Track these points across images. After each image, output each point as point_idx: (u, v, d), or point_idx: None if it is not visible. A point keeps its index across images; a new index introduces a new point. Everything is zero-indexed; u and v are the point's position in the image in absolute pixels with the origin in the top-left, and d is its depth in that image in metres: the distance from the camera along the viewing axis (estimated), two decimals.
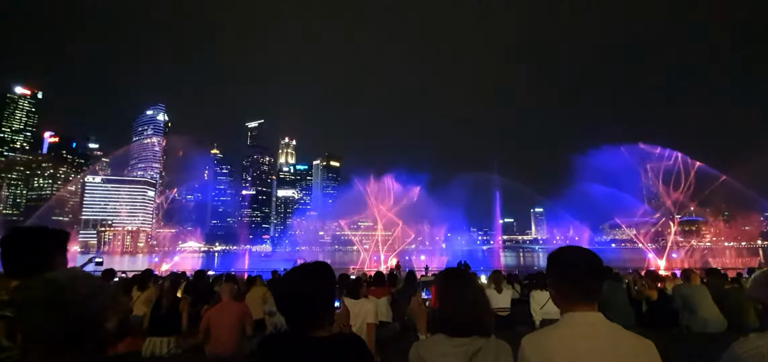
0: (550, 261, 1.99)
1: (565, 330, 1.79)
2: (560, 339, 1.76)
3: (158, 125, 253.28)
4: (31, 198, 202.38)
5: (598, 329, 1.76)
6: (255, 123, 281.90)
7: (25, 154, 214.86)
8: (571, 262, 1.90)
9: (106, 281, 8.20)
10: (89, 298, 1.46)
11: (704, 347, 5.75)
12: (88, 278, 1.52)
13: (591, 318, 1.80)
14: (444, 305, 2.18)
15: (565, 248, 1.98)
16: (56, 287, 1.41)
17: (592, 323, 1.78)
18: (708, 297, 6.83)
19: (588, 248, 1.95)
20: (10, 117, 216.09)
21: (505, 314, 8.12)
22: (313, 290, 1.82)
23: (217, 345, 5.58)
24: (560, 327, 1.82)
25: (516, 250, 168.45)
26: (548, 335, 1.83)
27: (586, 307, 1.82)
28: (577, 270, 1.87)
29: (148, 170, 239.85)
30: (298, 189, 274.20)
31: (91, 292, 1.47)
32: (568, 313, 1.84)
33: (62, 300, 1.39)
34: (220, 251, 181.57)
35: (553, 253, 2.01)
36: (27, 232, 2.08)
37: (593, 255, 1.90)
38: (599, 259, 1.89)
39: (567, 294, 1.87)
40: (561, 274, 1.91)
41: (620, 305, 6.87)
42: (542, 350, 1.76)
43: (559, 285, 1.91)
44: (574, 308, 1.83)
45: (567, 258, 1.93)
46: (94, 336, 1.48)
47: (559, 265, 1.94)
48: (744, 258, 48.43)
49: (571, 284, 1.86)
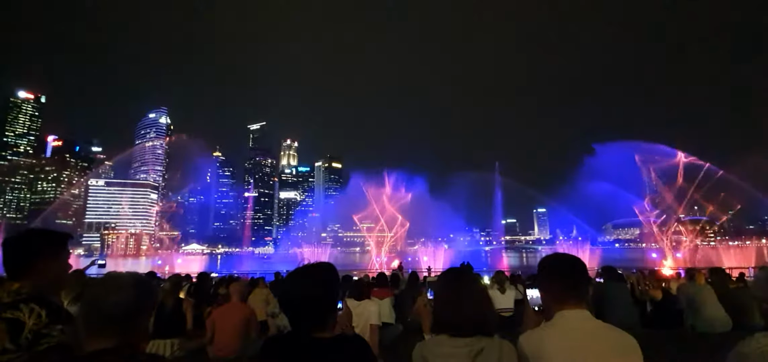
0: (541, 266, 2.24)
1: (556, 327, 2.01)
2: (551, 335, 1.97)
3: (161, 128, 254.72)
4: (34, 201, 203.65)
5: (585, 324, 1.98)
6: (257, 125, 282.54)
7: (29, 158, 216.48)
8: (554, 266, 2.18)
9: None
10: (145, 290, 1.71)
11: (709, 347, 5.72)
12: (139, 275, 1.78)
13: (579, 315, 2.01)
14: (446, 305, 2.17)
15: (553, 255, 2.27)
16: (132, 275, 1.72)
17: (580, 319, 2.00)
18: (713, 297, 6.78)
19: (572, 254, 2.28)
20: (14, 121, 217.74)
21: (509, 315, 8.09)
22: (317, 291, 1.82)
23: (221, 346, 5.58)
24: (552, 324, 2.04)
25: (519, 251, 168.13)
26: (541, 332, 2.03)
27: (574, 306, 2.03)
28: (559, 272, 2.14)
29: (150, 173, 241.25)
30: (300, 191, 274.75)
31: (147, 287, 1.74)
32: (558, 312, 2.04)
33: (133, 285, 1.65)
34: (222, 253, 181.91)
35: (545, 260, 2.27)
36: (28, 235, 2.09)
37: (575, 258, 2.18)
38: (581, 262, 2.16)
39: (555, 295, 2.09)
40: (547, 277, 2.18)
41: (623, 305, 6.83)
42: (535, 345, 1.97)
43: (547, 288, 2.17)
44: (562, 307, 2.04)
45: (551, 263, 2.20)
46: (139, 327, 1.66)
47: (544, 269, 2.20)
48: (748, 258, 48.10)
49: (559, 287, 2.10)
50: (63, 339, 1.79)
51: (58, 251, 2.10)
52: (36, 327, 1.76)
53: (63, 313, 1.89)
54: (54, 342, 1.77)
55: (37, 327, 1.76)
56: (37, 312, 1.79)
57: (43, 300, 1.87)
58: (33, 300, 1.84)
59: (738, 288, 7.68)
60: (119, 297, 1.60)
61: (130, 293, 1.62)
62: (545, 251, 34.26)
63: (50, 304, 1.87)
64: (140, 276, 1.75)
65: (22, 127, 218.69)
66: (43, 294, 1.92)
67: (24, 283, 1.92)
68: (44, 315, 1.80)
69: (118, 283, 1.66)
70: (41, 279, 1.98)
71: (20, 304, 1.80)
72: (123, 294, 1.61)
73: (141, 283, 1.69)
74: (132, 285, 1.65)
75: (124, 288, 1.63)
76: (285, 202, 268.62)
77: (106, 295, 1.61)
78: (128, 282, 1.66)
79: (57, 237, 2.13)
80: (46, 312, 1.81)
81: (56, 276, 2.09)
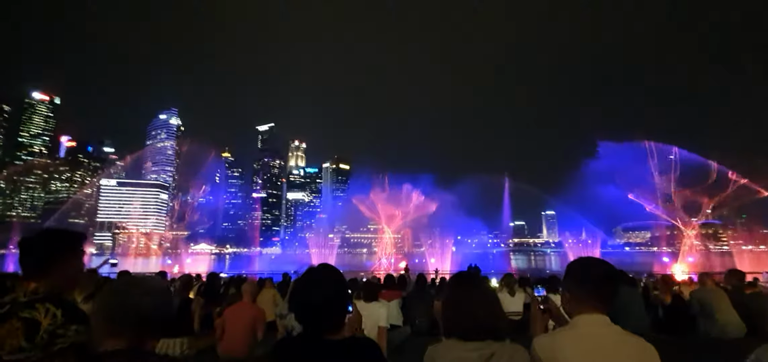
0: (571, 268, 2.16)
1: (574, 331, 1.97)
2: (568, 339, 1.93)
3: (171, 129, 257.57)
4: (48, 201, 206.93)
5: (603, 330, 1.93)
6: (266, 126, 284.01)
7: (43, 158, 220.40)
8: (595, 274, 2.06)
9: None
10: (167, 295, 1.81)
11: (723, 352, 5.61)
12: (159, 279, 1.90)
13: (598, 320, 1.96)
14: (456, 310, 2.17)
15: (586, 259, 2.17)
16: (157, 280, 1.86)
17: (599, 324, 1.94)
18: (726, 301, 6.64)
19: (602, 258, 2.16)
20: (29, 122, 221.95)
21: (518, 318, 8.02)
22: (329, 295, 1.83)
23: (230, 346, 5.62)
24: (570, 328, 2.00)
25: (527, 253, 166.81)
26: (557, 335, 2.00)
27: (595, 312, 1.98)
28: (593, 276, 2.05)
29: (161, 173, 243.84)
30: (308, 192, 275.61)
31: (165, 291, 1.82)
32: (577, 316, 2.01)
33: (160, 290, 1.75)
34: (231, 253, 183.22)
35: (576, 262, 2.20)
36: (45, 234, 2.10)
37: (608, 264, 2.08)
38: (615, 270, 2.08)
39: (581, 299, 2.02)
40: (578, 280, 2.08)
41: (635, 310, 6.73)
42: (550, 349, 1.92)
43: (575, 291, 2.07)
44: (583, 312, 1.99)
45: (591, 270, 2.09)
46: (156, 329, 1.72)
47: (583, 275, 2.09)
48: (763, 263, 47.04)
49: (587, 290, 2.02)
50: (78, 338, 1.81)
51: (79, 250, 2.13)
52: (52, 327, 1.77)
53: (78, 313, 1.90)
54: (69, 342, 1.78)
55: (52, 327, 1.77)
56: (53, 312, 1.80)
57: (59, 299, 1.88)
58: (49, 299, 1.85)
59: (753, 293, 7.52)
60: (130, 300, 1.65)
61: (158, 298, 1.71)
62: (553, 254, 33.91)
63: (65, 304, 1.88)
64: (154, 281, 1.84)
65: (36, 128, 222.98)
66: (59, 294, 1.93)
67: (40, 283, 1.93)
68: (60, 314, 1.81)
69: (146, 288, 1.72)
70: (60, 279, 2.00)
71: (36, 304, 1.81)
72: (152, 299, 1.69)
73: (154, 288, 1.75)
74: (159, 290, 1.75)
75: (153, 293, 1.71)
76: (293, 203, 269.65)
77: (118, 297, 1.67)
78: (156, 288, 1.75)
79: (77, 237, 2.16)
80: (61, 312, 1.82)
81: (74, 276, 2.12)
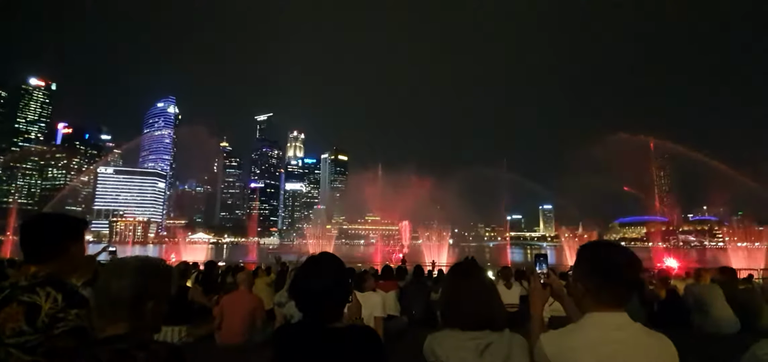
0: (584, 256, 1.81)
1: (592, 332, 1.67)
2: (586, 341, 1.65)
3: (169, 117, 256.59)
4: (45, 188, 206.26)
5: (625, 331, 1.65)
6: (264, 116, 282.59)
7: (40, 145, 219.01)
8: (617, 262, 1.72)
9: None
10: (152, 275, 1.69)
11: (717, 347, 5.67)
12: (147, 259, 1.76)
13: (618, 319, 1.68)
14: (454, 299, 2.18)
15: (603, 243, 1.83)
16: (137, 259, 1.71)
17: (619, 325, 1.66)
18: (720, 297, 6.71)
19: (627, 248, 1.77)
20: (25, 108, 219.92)
21: (514, 310, 8.08)
22: (331, 283, 1.84)
23: (229, 333, 5.66)
24: (585, 327, 1.70)
25: (523, 247, 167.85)
26: (572, 335, 1.71)
27: (615, 309, 1.70)
28: (623, 271, 1.71)
29: (158, 162, 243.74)
30: (306, 182, 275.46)
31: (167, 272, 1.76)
32: (592, 313, 1.71)
33: (136, 270, 1.64)
34: (228, 243, 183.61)
35: (591, 248, 1.83)
36: (47, 219, 2.09)
37: (631, 251, 1.74)
38: (638, 259, 1.74)
39: (598, 292, 1.72)
40: (602, 273, 1.73)
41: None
42: (566, 351, 1.66)
43: (589, 282, 1.76)
44: (600, 309, 1.70)
45: (611, 257, 1.74)
46: (149, 313, 1.64)
47: (600, 263, 1.75)
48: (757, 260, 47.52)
49: (613, 285, 1.71)
50: (78, 323, 1.80)
51: (80, 236, 2.13)
52: (52, 311, 1.76)
53: (79, 297, 1.89)
54: (70, 326, 1.78)
55: (53, 311, 1.77)
56: (54, 296, 1.80)
57: (60, 284, 1.88)
58: (50, 284, 1.84)
59: (746, 289, 7.60)
60: (122, 282, 1.59)
61: (133, 278, 1.61)
62: (550, 248, 34.05)
63: (66, 288, 1.88)
64: (147, 261, 1.73)
65: (33, 114, 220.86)
66: (60, 279, 1.92)
67: (41, 267, 1.93)
68: (60, 299, 1.80)
69: (121, 269, 1.65)
70: (63, 263, 2.00)
71: (37, 288, 1.81)
72: (125, 280, 1.60)
73: (146, 268, 1.67)
74: (135, 270, 1.64)
75: (127, 274, 1.62)
76: (291, 194, 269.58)
77: (110, 280, 1.62)
78: (131, 268, 1.65)
79: (78, 223, 2.15)
80: (62, 296, 1.81)
81: (75, 261, 2.11)
